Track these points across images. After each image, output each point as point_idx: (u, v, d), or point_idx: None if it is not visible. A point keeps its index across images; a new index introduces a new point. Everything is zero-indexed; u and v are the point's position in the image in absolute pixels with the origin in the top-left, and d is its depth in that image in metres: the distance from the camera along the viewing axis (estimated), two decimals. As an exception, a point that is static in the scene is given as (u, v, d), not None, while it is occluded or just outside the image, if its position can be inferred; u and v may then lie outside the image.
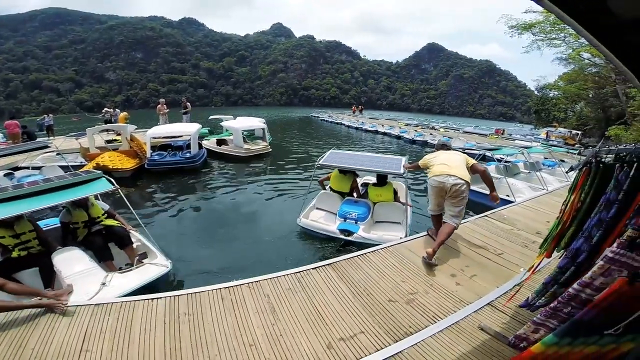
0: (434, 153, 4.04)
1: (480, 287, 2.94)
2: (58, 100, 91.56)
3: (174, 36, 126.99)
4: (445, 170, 3.52)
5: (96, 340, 2.23)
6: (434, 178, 3.59)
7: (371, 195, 5.51)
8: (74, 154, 9.86)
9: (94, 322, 2.41)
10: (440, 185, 3.50)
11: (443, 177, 3.50)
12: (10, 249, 3.27)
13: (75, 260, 3.38)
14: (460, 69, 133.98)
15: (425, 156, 3.98)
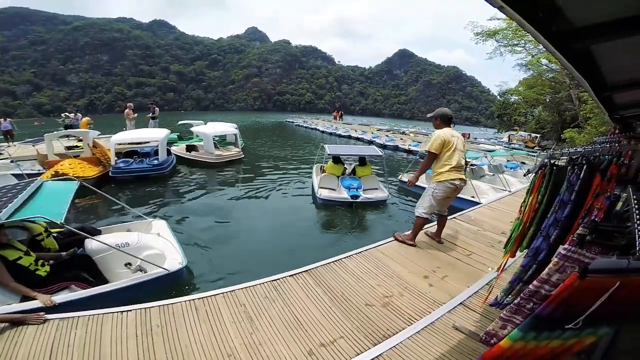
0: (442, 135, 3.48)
1: (452, 287, 3.04)
2: (14, 104, 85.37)
3: (143, 38, 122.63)
4: (461, 170, 3.52)
5: (64, 355, 2.12)
6: (452, 181, 3.47)
7: (358, 172, 8.22)
8: (31, 161, 9.19)
9: (60, 336, 2.28)
10: (455, 188, 3.54)
11: (459, 181, 3.53)
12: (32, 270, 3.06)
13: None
14: (429, 75, 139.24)
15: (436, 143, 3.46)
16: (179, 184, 9.40)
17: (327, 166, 8.29)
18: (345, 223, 6.89)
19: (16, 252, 3.01)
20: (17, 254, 3.01)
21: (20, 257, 3.02)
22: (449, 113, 3.71)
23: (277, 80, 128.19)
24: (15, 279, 2.90)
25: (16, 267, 2.97)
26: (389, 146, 20.06)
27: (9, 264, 2.92)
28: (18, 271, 2.96)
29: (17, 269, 2.97)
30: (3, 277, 2.86)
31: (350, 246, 5.57)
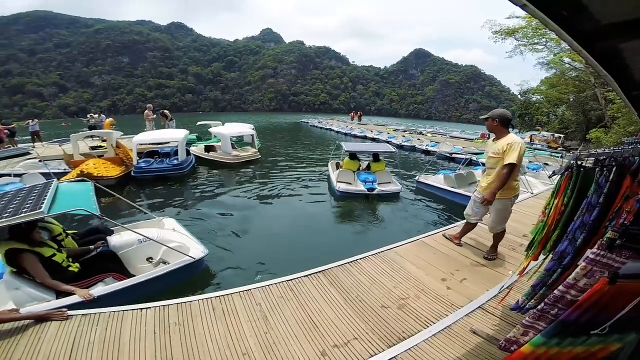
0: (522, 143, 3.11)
1: (471, 290, 2.98)
2: (41, 105, 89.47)
3: (162, 40, 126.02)
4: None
5: (84, 351, 2.17)
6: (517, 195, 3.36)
7: (372, 168, 8.87)
8: (57, 161, 9.60)
9: (82, 332, 2.35)
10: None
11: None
12: (65, 266, 3.17)
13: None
14: (446, 74, 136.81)
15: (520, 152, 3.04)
16: (197, 183, 9.57)
17: (343, 162, 8.94)
18: (361, 215, 7.10)
19: (50, 250, 3.11)
20: (52, 251, 3.11)
21: (55, 254, 3.11)
22: (509, 115, 3.32)
23: (292, 80, 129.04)
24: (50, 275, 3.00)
25: (50, 263, 3.05)
26: (405, 146, 19.78)
27: (44, 261, 3.01)
28: (52, 268, 3.05)
29: (51, 266, 3.05)
30: (40, 274, 2.95)
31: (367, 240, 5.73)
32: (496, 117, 3.23)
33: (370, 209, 7.54)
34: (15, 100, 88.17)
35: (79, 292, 2.98)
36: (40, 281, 2.96)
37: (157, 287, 3.51)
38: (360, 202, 7.77)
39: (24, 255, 2.91)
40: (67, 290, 3.00)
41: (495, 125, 3.24)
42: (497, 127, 3.25)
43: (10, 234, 2.93)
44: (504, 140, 3.16)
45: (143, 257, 3.97)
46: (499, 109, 3.36)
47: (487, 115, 3.32)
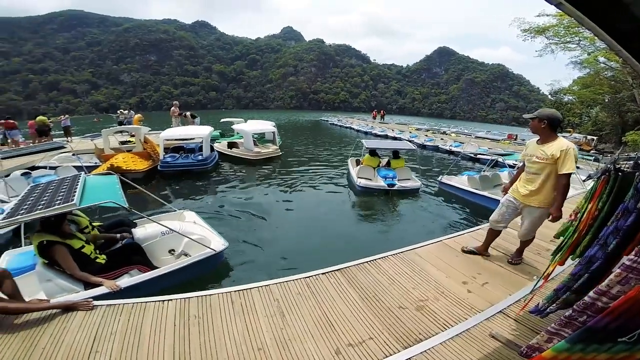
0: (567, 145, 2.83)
1: (492, 294, 2.90)
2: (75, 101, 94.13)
3: (187, 39, 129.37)
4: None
5: (106, 342, 2.24)
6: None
7: (392, 164, 9.16)
8: (89, 155, 10.10)
9: (105, 323, 2.43)
10: None
11: None
12: (93, 258, 3.29)
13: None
14: (472, 73, 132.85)
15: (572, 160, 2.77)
16: (220, 179, 9.80)
17: (364, 158, 9.20)
18: (381, 212, 7.15)
19: (79, 242, 3.22)
20: (81, 243, 3.22)
21: (83, 246, 3.22)
22: (560, 116, 2.96)
23: (312, 79, 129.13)
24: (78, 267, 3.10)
25: (79, 255, 3.16)
26: (428, 146, 19.40)
27: (73, 252, 3.11)
28: (81, 260, 3.15)
29: (80, 258, 3.15)
30: (70, 265, 3.05)
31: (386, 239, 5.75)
32: (545, 118, 2.88)
33: (390, 205, 7.56)
34: (52, 96, 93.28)
35: (106, 284, 3.08)
36: (70, 273, 3.06)
37: (178, 279, 3.61)
38: (380, 198, 7.94)
39: (55, 247, 3.00)
40: (95, 282, 3.09)
41: (544, 127, 2.90)
42: (544, 129, 2.91)
43: (42, 226, 3.04)
44: (556, 145, 2.84)
45: (165, 249, 4.11)
46: (547, 109, 3.02)
47: (534, 115, 2.95)
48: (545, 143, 2.94)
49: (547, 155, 2.86)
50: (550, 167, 2.87)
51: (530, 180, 3.06)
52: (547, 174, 2.91)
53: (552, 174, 2.89)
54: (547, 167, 2.89)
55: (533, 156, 2.99)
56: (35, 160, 9.13)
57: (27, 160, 9.05)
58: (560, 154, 2.77)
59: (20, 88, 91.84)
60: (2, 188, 6.71)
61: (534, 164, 3.00)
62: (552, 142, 2.89)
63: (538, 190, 2.99)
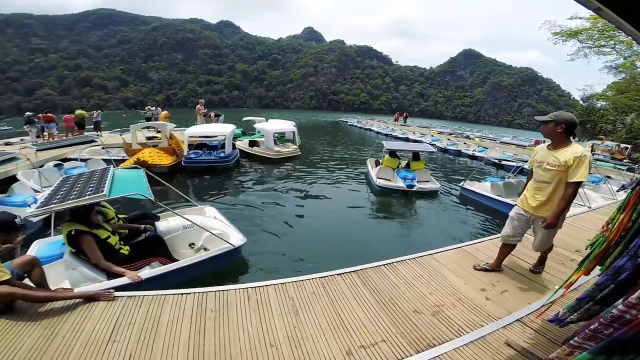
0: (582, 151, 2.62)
1: (511, 303, 2.83)
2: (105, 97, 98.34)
3: (212, 38, 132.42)
4: None
5: (124, 331, 2.30)
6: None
7: (412, 166, 9.21)
8: (118, 149, 10.55)
9: (125, 313, 2.50)
10: None
11: None
12: (117, 249, 3.43)
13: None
14: (499, 76, 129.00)
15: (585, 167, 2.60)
16: (241, 176, 10.00)
17: (384, 159, 9.28)
18: (400, 214, 7.18)
19: (105, 232, 3.35)
20: (107, 234, 3.35)
21: (109, 237, 3.35)
22: (577, 121, 2.76)
23: (332, 79, 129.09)
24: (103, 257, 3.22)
25: (105, 245, 3.28)
26: (450, 150, 18.96)
27: (99, 242, 3.23)
28: (106, 250, 3.27)
29: (105, 248, 3.28)
30: (96, 255, 3.16)
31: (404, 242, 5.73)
32: (562, 122, 2.63)
33: (409, 207, 7.54)
34: (84, 92, 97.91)
35: (129, 274, 3.17)
36: (95, 262, 3.18)
37: (198, 273, 3.71)
38: (398, 199, 8.01)
39: (82, 237, 3.13)
40: (118, 272, 3.19)
41: (560, 131, 2.66)
42: (560, 134, 2.68)
43: (72, 216, 3.18)
44: (569, 151, 2.62)
45: (186, 242, 4.23)
46: (565, 112, 2.73)
47: (550, 118, 2.70)
48: (558, 149, 2.71)
49: (559, 162, 2.64)
50: (562, 175, 2.67)
51: (540, 190, 2.84)
52: (558, 182, 2.70)
53: (563, 182, 2.68)
54: (558, 175, 2.68)
55: (544, 163, 2.77)
56: (68, 153, 9.61)
57: (60, 153, 9.53)
58: (574, 161, 2.56)
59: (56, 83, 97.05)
60: (36, 178, 7.10)
61: (544, 171, 2.77)
62: (565, 148, 2.67)
63: (548, 199, 2.78)
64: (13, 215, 2.61)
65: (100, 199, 3.09)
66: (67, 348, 2.12)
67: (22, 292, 2.39)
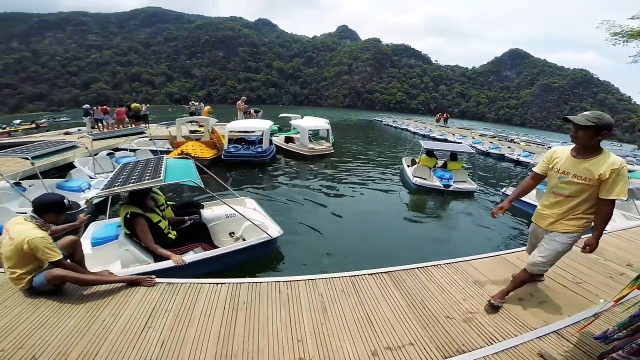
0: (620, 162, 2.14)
1: (549, 314, 2.69)
2: (153, 92, 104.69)
3: (251, 36, 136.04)
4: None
5: (161, 318, 2.39)
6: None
7: (449, 166, 9.10)
8: (163, 141, 11.22)
9: (162, 300, 2.60)
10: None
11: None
12: (166, 233, 3.69)
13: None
14: (549, 78, 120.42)
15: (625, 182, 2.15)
16: (276, 171, 10.21)
17: (421, 158, 9.35)
18: (435, 215, 7.05)
19: (157, 216, 3.60)
20: (158, 218, 3.60)
21: (160, 221, 3.60)
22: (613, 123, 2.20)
23: (367, 78, 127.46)
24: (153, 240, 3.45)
25: (155, 229, 3.51)
26: (493, 154, 17.95)
27: (151, 226, 3.47)
28: (156, 233, 3.50)
29: (156, 231, 3.51)
30: (147, 237, 3.40)
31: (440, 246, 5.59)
32: (605, 127, 2.10)
33: (445, 208, 7.39)
34: (134, 87, 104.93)
35: (174, 258, 3.36)
36: (146, 244, 3.41)
37: (236, 260, 3.89)
38: (434, 199, 8.00)
39: (137, 219, 3.38)
40: (164, 255, 3.39)
41: (600, 138, 2.16)
42: (597, 142, 2.19)
43: (130, 199, 3.46)
44: (604, 161, 2.14)
45: (227, 231, 4.48)
46: (605, 114, 2.17)
47: (592, 122, 2.10)
48: (588, 158, 2.21)
49: (592, 176, 2.16)
50: (592, 190, 2.21)
51: (559, 204, 2.38)
52: (586, 198, 2.25)
53: (592, 197, 2.23)
54: (588, 190, 2.22)
55: (569, 174, 2.28)
56: (119, 143, 10.36)
57: (113, 142, 10.29)
58: (611, 175, 2.10)
59: (109, 78, 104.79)
60: (90, 165, 7.71)
61: (569, 184, 2.29)
62: (597, 156, 2.18)
63: (568, 213, 2.35)
64: (61, 196, 2.71)
65: (157, 184, 3.34)
66: (105, 332, 2.24)
67: (73, 275, 2.57)
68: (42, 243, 2.42)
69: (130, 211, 3.39)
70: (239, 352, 2.12)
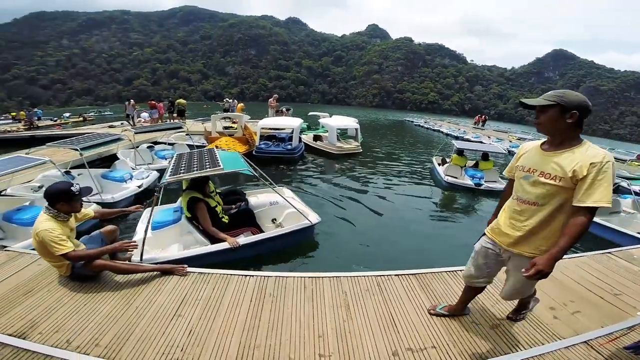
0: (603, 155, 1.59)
1: (581, 324, 2.57)
2: (189, 89, 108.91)
3: (281, 35, 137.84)
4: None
5: (190, 307, 2.50)
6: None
7: (480, 166, 9.16)
8: (199, 136, 11.70)
9: (193, 289, 2.72)
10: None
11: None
12: (220, 217, 4.03)
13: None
14: (596, 80, 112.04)
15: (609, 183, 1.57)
16: (304, 168, 10.35)
17: (453, 157, 9.46)
18: (467, 216, 6.99)
19: (214, 201, 3.94)
20: (215, 203, 3.94)
21: (216, 206, 3.94)
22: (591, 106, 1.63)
23: (398, 77, 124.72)
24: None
25: (212, 213, 3.84)
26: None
27: (209, 210, 3.80)
28: (212, 217, 3.82)
29: (212, 215, 3.83)
30: (206, 221, 3.73)
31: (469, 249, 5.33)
32: (574, 108, 1.57)
33: (476, 208, 7.23)
34: (172, 84, 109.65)
35: (229, 240, 3.65)
36: (204, 227, 3.72)
37: (281, 245, 4.23)
38: (464, 197, 8.01)
39: (199, 204, 3.72)
40: (221, 237, 3.70)
41: (569, 122, 1.60)
42: (567, 128, 1.63)
43: (192, 185, 3.81)
44: (581, 154, 1.59)
45: (269, 217, 4.81)
46: (572, 92, 1.62)
47: (552, 100, 1.61)
48: (560, 150, 1.67)
49: (563, 173, 1.60)
50: (566, 195, 1.64)
51: (524, 214, 1.80)
52: (559, 206, 1.68)
53: (566, 205, 1.65)
54: (560, 194, 1.65)
55: (535, 172, 1.73)
56: (158, 137, 10.92)
57: (152, 136, 10.84)
58: (589, 172, 1.53)
59: (149, 75, 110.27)
60: (131, 157, 8.20)
61: (534, 186, 1.73)
62: (571, 148, 1.64)
63: (536, 230, 1.76)
64: (69, 184, 2.73)
65: (218, 172, 3.65)
66: (137, 318, 2.36)
67: (112, 264, 2.75)
68: (47, 236, 2.46)
69: (192, 196, 3.72)
70: (262, 344, 2.18)
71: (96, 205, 4.93)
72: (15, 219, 4.17)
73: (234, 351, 2.11)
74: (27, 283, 2.75)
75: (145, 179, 6.66)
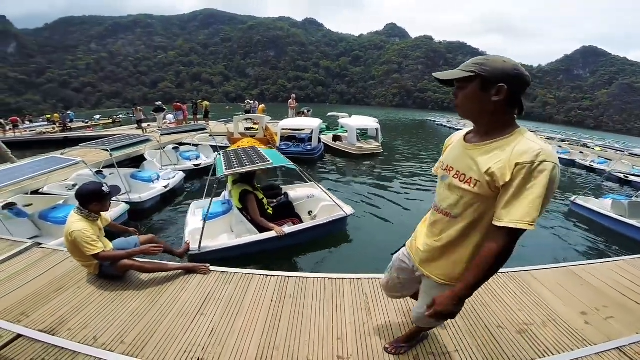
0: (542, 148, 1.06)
1: (615, 330, 2.43)
2: (211, 91, 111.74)
3: (299, 36, 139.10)
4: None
5: (212, 306, 2.52)
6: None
7: None
8: (222, 137, 11.93)
9: (216, 288, 2.75)
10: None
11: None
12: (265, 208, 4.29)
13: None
14: (630, 77, 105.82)
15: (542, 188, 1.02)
16: (323, 169, 10.37)
17: None
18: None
19: (260, 194, 4.21)
20: (261, 195, 4.22)
21: (263, 197, 4.21)
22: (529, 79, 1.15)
23: (418, 76, 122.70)
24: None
25: (260, 205, 4.10)
26: (562, 159, 16.18)
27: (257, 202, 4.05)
28: (260, 208, 4.08)
29: (259, 206, 4.08)
30: (255, 211, 3.99)
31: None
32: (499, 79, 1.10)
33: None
34: (195, 86, 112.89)
35: (276, 229, 3.89)
36: (253, 217, 3.98)
37: (319, 234, 4.52)
38: None
39: (249, 196, 4.00)
40: (268, 227, 3.95)
41: (495, 100, 1.11)
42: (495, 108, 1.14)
43: (243, 179, 4.11)
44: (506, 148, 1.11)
45: (306, 210, 5.05)
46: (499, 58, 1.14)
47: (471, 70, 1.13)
48: (485, 142, 1.20)
49: (479, 175, 1.16)
50: (484, 205, 1.18)
51: (437, 226, 1.39)
52: (473, 221, 1.24)
53: (483, 220, 1.21)
54: (477, 203, 1.20)
55: (452, 171, 1.29)
56: (183, 138, 11.24)
57: (177, 137, 11.14)
58: (514, 175, 1.05)
59: (173, 77, 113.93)
60: (158, 157, 8.46)
61: (451, 190, 1.29)
62: (497, 140, 1.16)
63: (447, 250, 1.36)
64: (100, 184, 2.81)
65: (268, 166, 4.00)
66: (161, 316, 2.40)
67: (137, 264, 2.83)
68: (80, 236, 2.54)
69: (244, 189, 4.01)
70: (281, 345, 2.19)
71: (124, 204, 5.16)
72: (50, 217, 4.44)
73: (253, 352, 2.12)
74: (59, 280, 2.88)
75: (171, 180, 6.85)
